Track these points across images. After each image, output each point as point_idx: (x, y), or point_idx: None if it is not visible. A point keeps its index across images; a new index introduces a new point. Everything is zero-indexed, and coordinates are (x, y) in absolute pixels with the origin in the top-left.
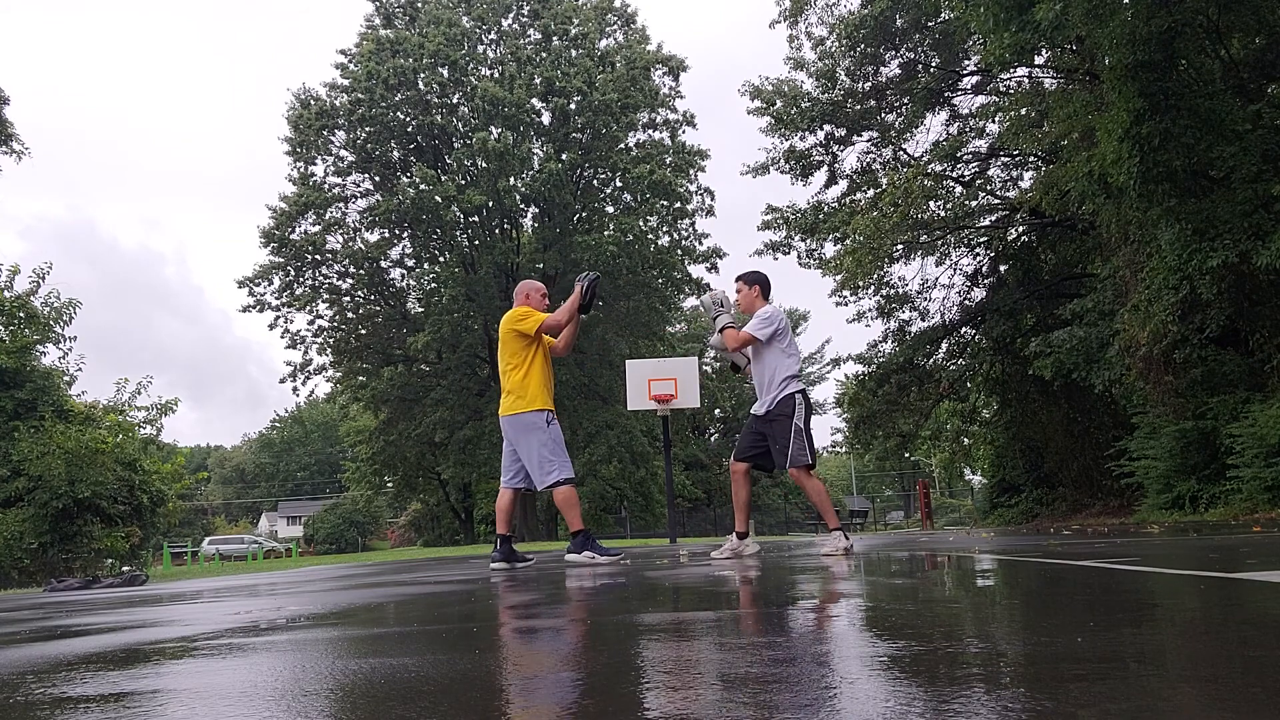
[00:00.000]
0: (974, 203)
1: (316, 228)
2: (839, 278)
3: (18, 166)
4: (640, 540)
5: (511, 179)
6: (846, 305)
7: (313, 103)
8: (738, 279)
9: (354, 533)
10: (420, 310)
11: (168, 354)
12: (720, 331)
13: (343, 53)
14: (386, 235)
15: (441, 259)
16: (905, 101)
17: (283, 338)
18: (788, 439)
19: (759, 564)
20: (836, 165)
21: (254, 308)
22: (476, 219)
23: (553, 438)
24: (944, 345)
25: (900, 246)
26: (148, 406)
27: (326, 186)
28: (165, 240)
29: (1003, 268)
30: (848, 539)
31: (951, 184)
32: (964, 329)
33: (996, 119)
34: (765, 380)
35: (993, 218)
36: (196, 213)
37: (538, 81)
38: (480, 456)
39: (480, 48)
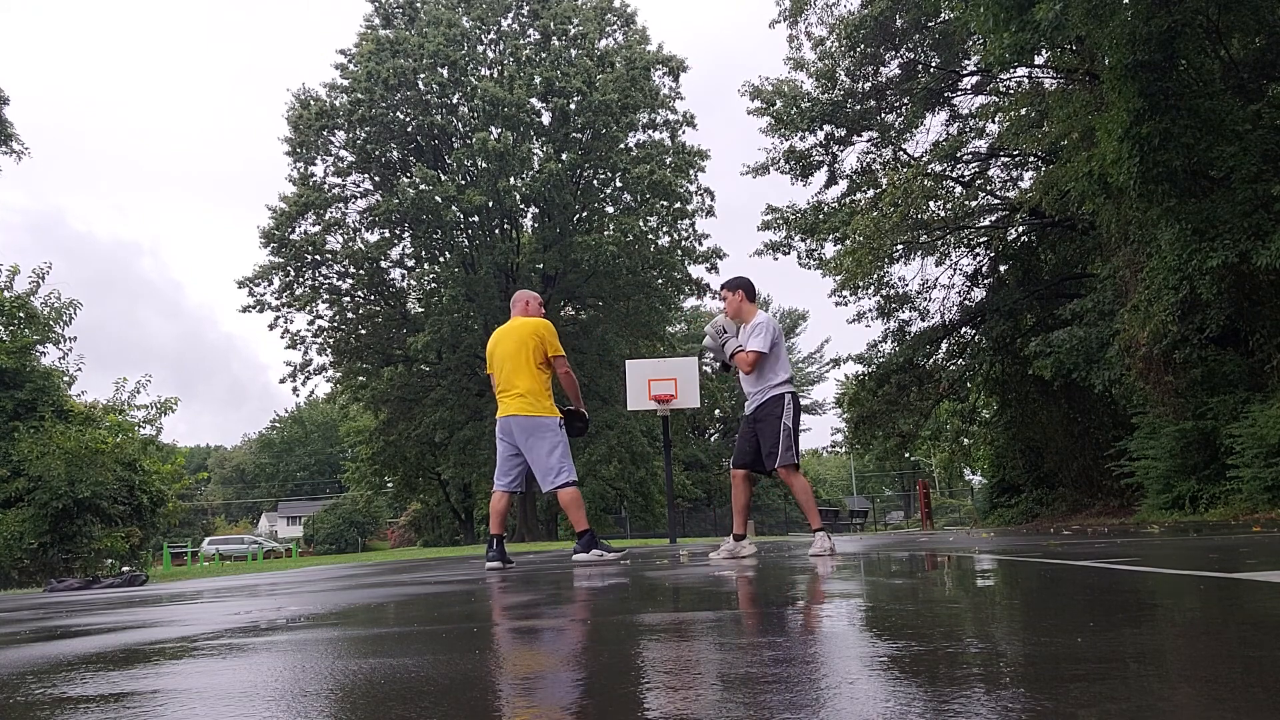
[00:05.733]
0: (974, 203)
1: (316, 228)
2: (839, 278)
3: (18, 166)
4: (640, 540)
5: (511, 179)
6: (846, 305)
7: (313, 103)
8: (722, 287)
9: (354, 533)
10: (420, 310)
11: (154, 351)
12: (732, 357)
13: (343, 53)
14: (386, 235)
15: (441, 259)
16: (905, 101)
17: (283, 338)
18: (776, 438)
19: (758, 564)
20: (836, 165)
21: (254, 308)
22: (476, 219)
23: (564, 442)
24: (944, 345)
25: (900, 246)
26: (147, 406)
27: (326, 187)
28: (148, 237)
29: (1003, 268)
30: (829, 539)
31: (951, 184)
32: (964, 329)
33: (996, 119)
34: (754, 382)
35: (993, 218)
36: (193, 212)
37: (538, 82)
38: (480, 456)
39: (480, 48)
